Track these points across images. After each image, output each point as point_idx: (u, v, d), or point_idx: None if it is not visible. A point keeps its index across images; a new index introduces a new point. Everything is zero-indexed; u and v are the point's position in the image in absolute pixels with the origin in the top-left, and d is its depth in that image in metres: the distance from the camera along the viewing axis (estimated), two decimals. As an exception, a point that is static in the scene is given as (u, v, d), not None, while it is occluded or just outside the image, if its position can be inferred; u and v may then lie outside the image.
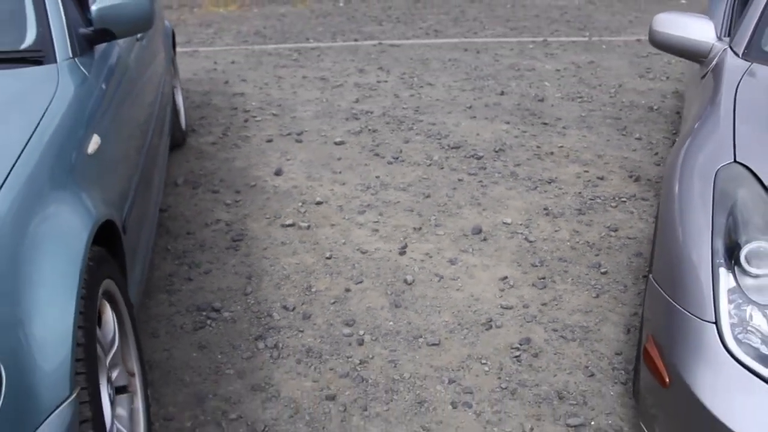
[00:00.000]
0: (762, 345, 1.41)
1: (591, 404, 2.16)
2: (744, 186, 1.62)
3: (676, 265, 1.62)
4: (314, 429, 2.08)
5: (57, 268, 1.40)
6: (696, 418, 1.44)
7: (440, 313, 2.61)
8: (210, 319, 2.60)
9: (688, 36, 2.46)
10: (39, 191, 1.51)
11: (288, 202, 3.54)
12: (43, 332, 1.29)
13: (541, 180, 3.74)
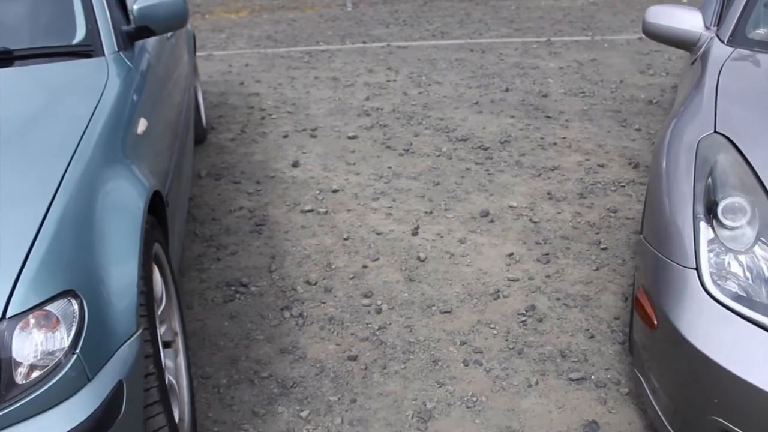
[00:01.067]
0: (737, 287, 1.61)
1: (591, 361, 2.36)
2: (722, 152, 1.83)
3: (662, 224, 1.83)
4: (338, 385, 2.29)
5: (122, 228, 1.62)
6: (680, 353, 1.65)
7: (451, 285, 2.82)
8: (239, 293, 2.82)
9: (678, 26, 2.67)
10: (102, 163, 1.73)
11: (306, 191, 3.76)
12: (114, 279, 1.50)
13: (544, 168, 3.95)
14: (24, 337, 1.28)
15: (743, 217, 1.67)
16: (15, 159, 1.65)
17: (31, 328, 1.29)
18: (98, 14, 2.35)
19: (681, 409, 1.70)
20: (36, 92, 2.02)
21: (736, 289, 1.61)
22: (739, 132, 1.88)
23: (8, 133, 1.76)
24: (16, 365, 1.28)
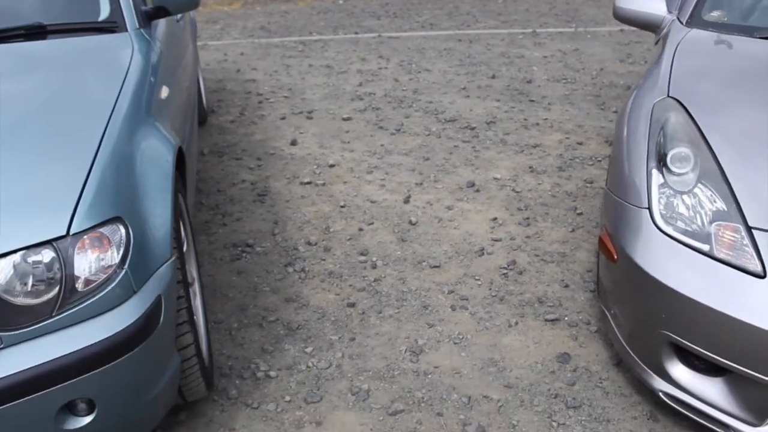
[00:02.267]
0: (681, 222, 1.88)
1: (565, 306, 2.64)
2: (673, 112, 2.11)
3: (622, 174, 2.10)
4: (339, 326, 2.56)
5: (157, 175, 1.87)
6: (635, 279, 1.92)
7: (440, 244, 3.10)
8: (245, 253, 3.08)
9: (644, 10, 2.95)
10: (136, 121, 1.98)
11: (304, 166, 4.03)
12: (152, 214, 1.76)
13: (527, 145, 4.23)
14: (83, 252, 1.54)
15: (688, 165, 1.94)
16: (64, 114, 1.91)
17: (88, 246, 1.55)
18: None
19: (635, 327, 1.98)
20: (71, 60, 2.27)
21: (680, 224, 1.89)
22: (688, 96, 2.16)
23: (54, 93, 2.01)
24: (76, 276, 1.53)
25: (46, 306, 1.50)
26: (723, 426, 1.84)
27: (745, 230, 1.76)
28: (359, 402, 2.18)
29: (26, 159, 1.69)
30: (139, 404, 1.67)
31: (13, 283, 1.48)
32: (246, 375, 2.31)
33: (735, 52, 2.46)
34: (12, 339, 1.47)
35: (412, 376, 2.28)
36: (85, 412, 1.56)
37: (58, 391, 1.48)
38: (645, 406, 2.12)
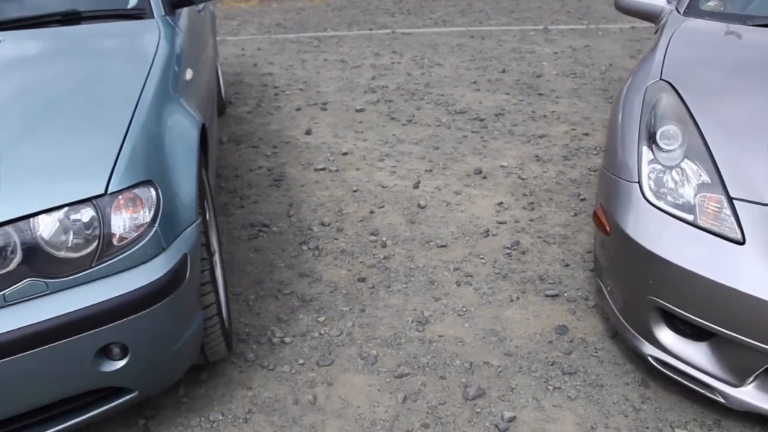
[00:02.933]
0: (669, 195, 2.02)
1: (565, 283, 2.78)
2: (664, 93, 2.24)
3: (616, 152, 2.24)
4: (350, 299, 2.71)
5: (183, 146, 2.02)
6: (626, 249, 2.06)
7: (447, 226, 3.24)
8: (262, 232, 3.24)
9: (644, 1, 3.08)
10: (164, 97, 2.14)
11: (318, 153, 4.18)
12: (179, 180, 1.91)
13: (534, 135, 4.37)
14: (118, 211, 1.70)
15: (676, 142, 2.08)
16: (99, 90, 2.07)
17: (123, 205, 1.71)
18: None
19: (626, 294, 2.12)
20: (104, 43, 2.43)
21: (667, 196, 2.02)
22: (679, 79, 2.29)
23: (90, 72, 2.18)
24: (112, 233, 1.69)
25: (85, 258, 1.66)
26: (707, 388, 1.97)
27: (726, 201, 1.89)
28: (368, 366, 2.33)
29: (67, 129, 1.85)
30: (166, 353, 1.82)
31: (57, 237, 1.64)
32: (262, 341, 2.46)
33: (728, 40, 2.59)
34: (56, 286, 1.63)
35: (418, 344, 2.43)
36: (119, 356, 1.72)
37: (96, 334, 1.64)
38: (637, 374, 2.26)
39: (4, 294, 1.59)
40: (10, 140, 1.79)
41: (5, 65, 2.23)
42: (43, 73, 2.18)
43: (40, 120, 1.88)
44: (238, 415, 2.12)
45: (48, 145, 1.78)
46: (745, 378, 1.88)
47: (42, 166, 1.71)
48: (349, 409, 2.14)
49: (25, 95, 2.02)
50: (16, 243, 1.61)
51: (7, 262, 1.60)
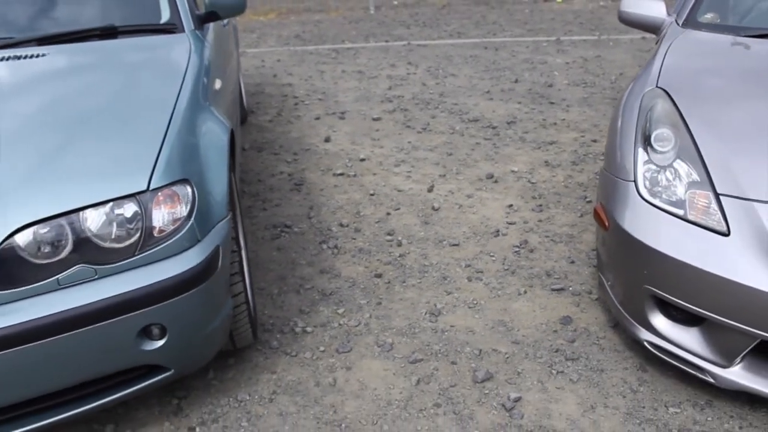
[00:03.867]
0: (663, 193, 2.17)
1: (570, 278, 2.94)
2: (660, 100, 2.40)
3: (615, 155, 2.40)
4: (367, 293, 2.88)
5: (215, 150, 2.21)
6: (623, 243, 2.21)
7: (459, 227, 3.41)
8: (284, 233, 3.43)
9: (646, 14, 3.25)
10: (197, 105, 2.34)
11: (337, 160, 4.37)
12: (212, 181, 2.10)
13: (544, 142, 4.53)
14: (158, 206, 1.89)
15: (669, 144, 2.24)
16: (138, 97, 2.27)
17: (162, 201, 1.90)
18: (179, 2, 2.98)
19: (624, 285, 2.28)
20: (141, 55, 2.64)
21: (660, 193, 2.18)
22: (674, 87, 2.45)
23: (129, 81, 2.38)
24: (153, 225, 1.88)
25: (129, 248, 1.85)
26: (699, 369, 2.12)
27: (714, 197, 2.05)
28: (384, 352, 2.50)
29: (111, 134, 2.05)
30: (200, 335, 2.01)
31: (104, 229, 1.83)
32: (286, 330, 2.64)
33: (722, 50, 2.75)
34: (104, 272, 1.82)
35: (431, 333, 2.60)
36: (158, 336, 1.91)
37: (138, 315, 1.83)
38: (636, 360, 2.41)
39: (58, 278, 1.78)
40: (60, 143, 1.99)
41: (52, 76, 2.44)
42: (86, 83, 2.38)
43: (86, 125, 2.08)
44: (264, 395, 2.30)
45: (94, 147, 1.98)
46: (733, 359, 2.03)
47: (90, 166, 1.91)
48: (367, 390, 2.31)
49: (70, 103, 2.22)
50: (67, 234, 1.80)
51: (59, 251, 1.80)
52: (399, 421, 2.17)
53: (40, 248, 1.79)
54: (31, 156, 1.92)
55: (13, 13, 2.82)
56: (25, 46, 2.65)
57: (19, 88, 2.33)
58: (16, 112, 2.16)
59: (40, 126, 2.07)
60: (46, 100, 2.23)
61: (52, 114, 2.14)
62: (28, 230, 1.78)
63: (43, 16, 2.84)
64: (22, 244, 1.77)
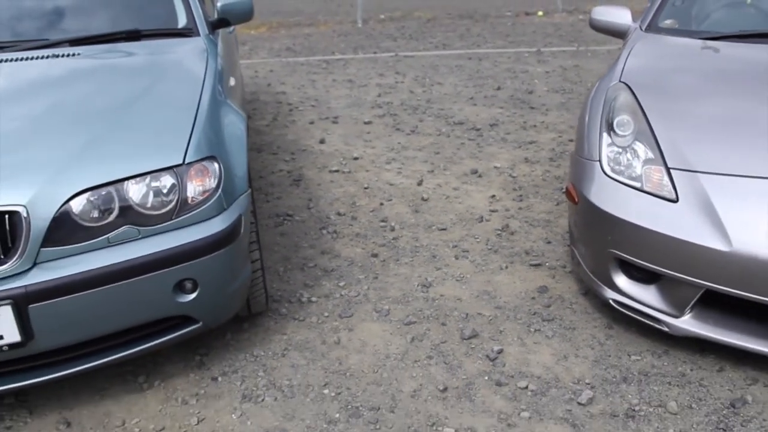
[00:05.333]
0: (623, 170, 2.51)
1: (547, 256, 3.27)
2: (621, 92, 2.76)
3: (583, 139, 2.75)
4: (365, 270, 3.20)
5: (236, 135, 2.53)
6: (589, 214, 2.55)
7: (447, 214, 3.75)
8: (286, 221, 3.75)
9: (614, 20, 3.62)
10: (217, 99, 2.65)
11: (332, 158, 4.70)
12: (235, 160, 2.42)
13: (524, 142, 4.89)
14: (191, 178, 2.21)
15: (629, 129, 2.59)
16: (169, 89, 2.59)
17: (195, 174, 2.22)
18: (194, 9, 3.31)
19: (591, 252, 2.61)
20: (165, 55, 2.96)
21: (621, 170, 2.53)
22: (634, 81, 2.81)
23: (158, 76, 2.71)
24: (187, 195, 2.20)
25: (167, 214, 2.16)
26: (656, 320, 2.46)
27: (665, 171, 2.39)
28: (381, 317, 2.82)
29: (148, 118, 2.37)
30: (225, 291, 2.32)
31: (145, 199, 2.15)
32: (293, 300, 2.95)
33: (676, 50, 3.12)
34: (146, 232, 2.13)
35: (423, 301, 2.92)
36: (190, 290, 2.21)
37: (175, 270, 2.14)
38: (604, 320, 2.75)
39: (108, 237, 2.09)
40: (105, 126, 2.30)
41: (90, 71, 2.76)
42: (119, 78, 2.70)
43: (126, 112, 2.40)
44: (277, 351, 2.61)
45: (136, 130, 2.30)
46: (683, 309, 2.37)
47: (133, 145, 2.23)
48: (367, 347, 2.62)
49: (110, 94, 2.54)
50: (115, 200, 2.12)
51: (108, 214, 2.11)
52: (396, 370, 2.48)
53: (91, 212, 2.09)
54: (82, 136, 2.23)
55: (47, 18, 3.13)
56: (59, 47, 2.97)
57: (63, 81, 2.64)
58: (65, 101, 2.47)
59: (87, 112, 2.39)
60: (89, 91, 2.55)
61: (96, 102, 2.46)
62: (81, 197, 2.08)
63: (74, 20, 3.15)
64: (75, 209, 2.08)
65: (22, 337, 1.99)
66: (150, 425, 2.25)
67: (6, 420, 2.30)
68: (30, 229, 1.99)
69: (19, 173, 2.06)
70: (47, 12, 3.16)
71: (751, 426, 2.16)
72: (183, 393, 2.40)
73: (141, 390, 2.42)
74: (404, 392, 2.37)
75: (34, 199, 2.01)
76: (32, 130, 2.27)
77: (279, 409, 2.30)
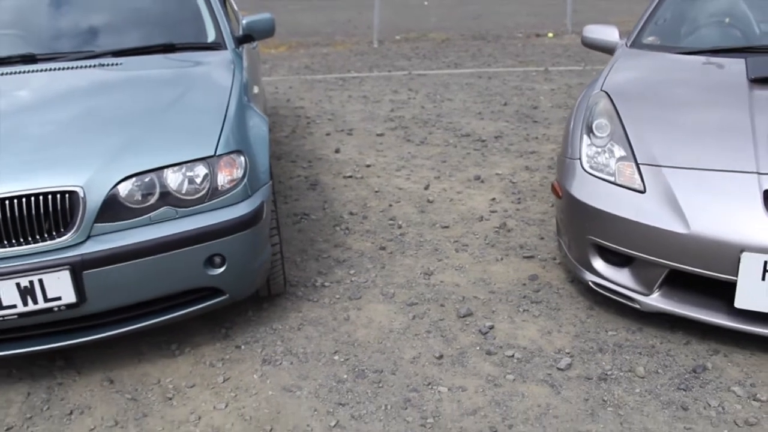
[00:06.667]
0: (600, 167, 2.84)
1: (539, 249, 3.59)
2: (602, 100, 3.09)
3: (567, 142, 3.08)
4: (373, 260, 3.54)
5: (260, 135, 2.89)
6: (571, 205, 2.87)
7: (450, 214, 4.08)
8: (303, 219, 4.10)
9: (603, 38, 3.97)
10: (243, 104, 3.02)
11: (346, 166, 5.06)
12: (259, 156, 2.77)
13: (526, 152, 5.22)
14: (221, 169, 2.56)
15: (606, 131, 2.92)
16: (203, 93, 2.96)
17: (224, 165, 2.57)
18: (222, 26, 3.70)
19: (573, 239, 2.93)
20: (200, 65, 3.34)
21: (598, 167, 2.85)
22: (614, 90, 3.14)
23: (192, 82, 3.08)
24: (218, 182, 2.55)
25: (200, 198, 2.51)
26: (628, 299, 2.77)
27: (635, 166, 2.71)
28: (387, 299, 3.14)
29: (185, 116, 2.73)
30: (249, 267, 2.66)
31: (181, 185, 2.50)
32: (308, 285, 3.29)
33: (654, 63, 3.45)
34: (182, 213, 2.48)
35: (425, 287, 3.25)
36: (219, 264, 2.56)
37: (206, 246, 2.48)
38: (586, 302, 3.06)
39: (150, 216, 2.44)
40: (147, 125, 2.67)
41: (132, 78, 3.14)
42: (158, 83, 3.08)
43: (165, 113, 2.76)
44: (293, 326, 2.94)
45: (174, 126, 2.66)
46: (652, 287, 2.68)
47: (172, 139, 2.59)
48: (373, 323, 2.95)
49: (151, 97, 2.91)
50: (156, 185, 2.47)
51: (150, 197, 2.46)
52: (398, 341, 2.81)
53: (135, 195, 2.45)
54: (128, 132, 2.60)
55: (93, 33, 3.53)
56: (103, 57, 3.35)
57: (109, 86, 3.02)
58: (112, 103, 2.85)
59: (131, 112, 2.76)
60: (131, 95, 2.92)
61: (138, 104, 2.83)
62: (127, 182, 2.44)
63: (116, 35, 3.55)
64: (122, 192, 2.44)
65: (77, 298, 2.34)
66: (182, 383, 2.59)
67: (57, 378, 2.65)
68: (86, 207, 2.35)
69: (77, 161, 2.42)
70: (93, 28, 3.56)
71: (708, 387, 2.46)
72: (210, 358, 2.74)
73: (173, 356, 2.76)
74: (405, 359, 2.69)
75: (89, 182, 2.37)
76: (85, 127, 2.64)
77: (295, 371, 2.63)
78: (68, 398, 2.53)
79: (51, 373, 2.68)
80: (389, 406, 2.41)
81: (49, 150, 2.46)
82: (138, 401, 2.50)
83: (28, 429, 2.38)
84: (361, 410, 2.40)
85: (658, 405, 2.38)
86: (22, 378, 2.65)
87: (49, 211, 2.32)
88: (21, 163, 2.38)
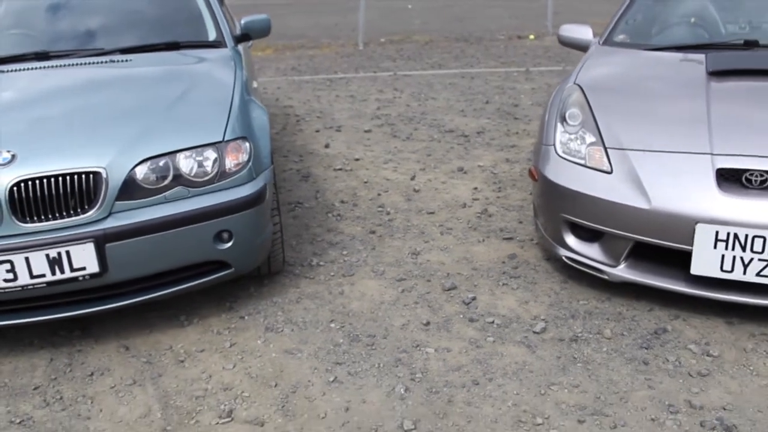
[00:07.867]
0: (572, 152, 3.13)
1: (518, 232, 3.87)
2: (574, 92, 3.38)
3: (542, 130, 3.36)
4: (364, 243, 3.80)
5: (261, 125, 3.15)
6: (546, 187, 3.16)
7: (435, 202, 4.36)
8: (297, 207, 4.36)
9: (578, 36, 4.27)
10: (246, 99, 3.27)
11: (336, 159, 5.32)
12: (261, 142, 3.03)
13: (506, 146, 5.51)
14: (228, 153, 2.82)
15: (577, 120, 3.21)
16: (208, 86, 3.22)
17: (231, 150, 2.83)
18: (221, 25, 3.96)
19: (548, 218, 3.21)
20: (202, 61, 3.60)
21: (570, 151, 3.14)
22: (586, 83, 3.43)
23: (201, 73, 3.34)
24: (226, 166, 2.80)
25: (211, 179, 2.77)
26: (598, 270, 3.05)
27: (603, 150, 3.00)
28: (377, 276, 3.41)
29: (194, 106, 2.99)
30: (254, 243, 2.92)
31: (191, 168, 2.76)
32: (304, 264, 3.55)
33: (623, 59, 3.75)
34: (194, 192, 2.73)
35: (412, 265, 3.52)
36: (227, 239, 2.81)
37: (215, 222, 2.74)
38: (561, 277, 3.34)
39: (165, 195, 2.70)
40: (161, 115, 2.92)
41: (143, 73, 3.39)
42: (169, 77, 3.33)
43: (178, 102, 3.02)
44: (292, 299, 3.20)
45: (185, 115, 2.92)
46: (619, 259, 2.97)
47: (183, 126, 2.84)
48: (366, 296, 3.22)
49: (163, 89, 3.17)
50: (170, 168, 2.73)
51: (165, 177, 2.72)
52: (389, 311, 3.08)
53: (151, 177, 2.70)
54: (143, 121, 2.85)
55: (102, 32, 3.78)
56: (112, 55, 3.60)
57: (124, 80, 3.27)
58: (129, 95, 3.10)
59: (145, 103, 3.02)
60: (143, 88, 3.18)
61: (150, 96, 3.09)
62: (143, 165, 2.70)
63: (123, 34, 3.79)
64: (139, 174, 2.69)
65: (100, 268, 2.59)
66: (192, 348, 2.84)
67: (76, 345, 2.89)
68: (108, 186, 2.60)
69: (99, 145, 2.67)
70: (102, 27, 3.80)
71: (668, 346, 2.75)
72: (217, 327, 2.99)
73: (183, 326, 3.02)
74: (395, 326, 2.96)
75: (111, 164, 2.62)
76: (104, 117, 2.89)
77: (295, 337, 2.89)
78: (88, 362, 2.78)
79: (70, 341, 2.92)
80: (382, 365, 2.68)
81: (74, 136, 2.71)
82: (153, 364, 2.75)
83: (54, 388, 2.62)
84: (356, 368, 2.67)
85: (623, 361, 2.66)
86: (44, 346, 2.89)
87: (75, 190, 2.57)
88: (50, 147, 2.63)
